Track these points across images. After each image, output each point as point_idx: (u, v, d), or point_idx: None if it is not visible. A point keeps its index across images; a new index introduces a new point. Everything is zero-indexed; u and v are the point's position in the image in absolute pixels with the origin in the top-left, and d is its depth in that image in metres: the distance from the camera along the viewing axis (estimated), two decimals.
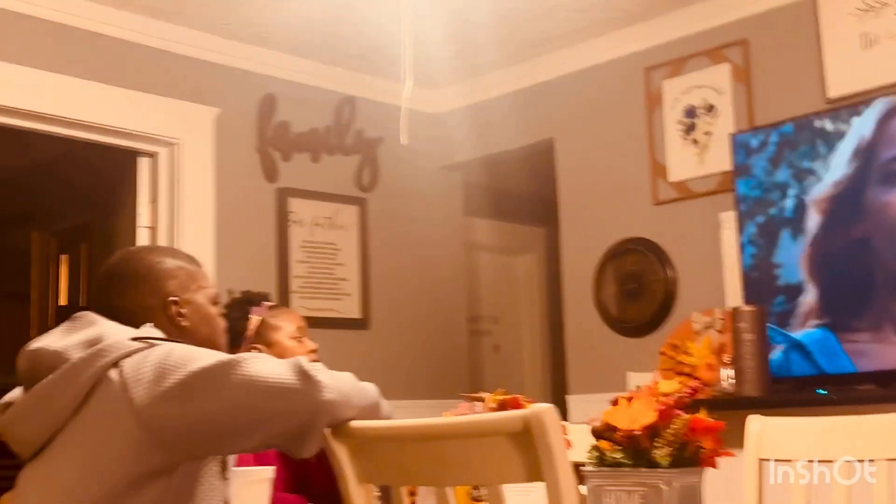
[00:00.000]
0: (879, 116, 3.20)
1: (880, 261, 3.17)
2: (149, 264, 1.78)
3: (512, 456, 1.29)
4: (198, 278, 1.82)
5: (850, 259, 3.23)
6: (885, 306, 3.15)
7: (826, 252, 3.29)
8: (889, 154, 3.17)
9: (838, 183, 3.26)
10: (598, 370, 4.09)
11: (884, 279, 3.16)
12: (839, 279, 3.26)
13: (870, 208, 3.19)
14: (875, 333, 3.15)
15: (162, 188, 3.99)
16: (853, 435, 2.13)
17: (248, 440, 1.52)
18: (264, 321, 2.54)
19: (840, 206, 3.26)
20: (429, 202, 4.81)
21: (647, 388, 1.80)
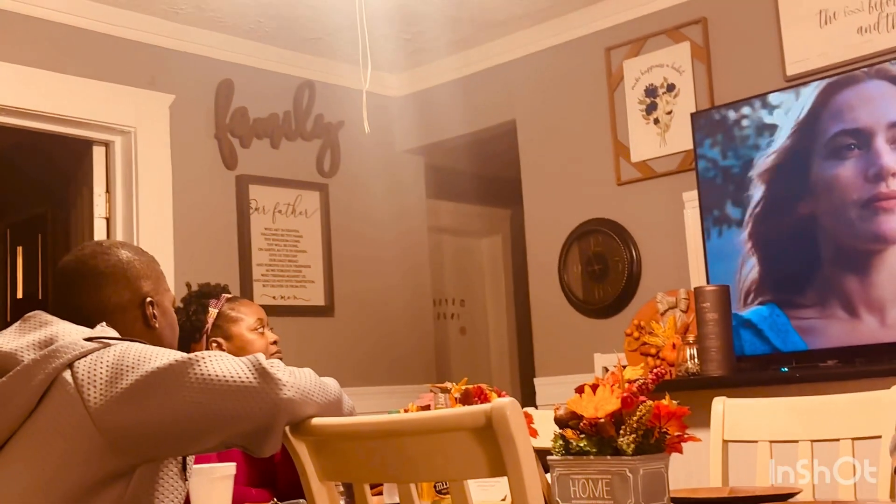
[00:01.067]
0: (819, 91, 3.21)
1: (826, 235, 3.19)
2: (124, 262, 1.73)
3: (475, 451, 1.27)
4: (163, 280, 1.79)
5: (794, 234, 3.25)
6: (831, 282, 3.17)
7: (769, 227, 3.31)
8: (833, 129, 3.19)
9: (778, 156, 3.28)
10: (564, 352, 4.10)
11: (830, 254, 3.18)
12: (784, 254, 3.28)
13: (814, 183, 3.21)
14: (822, 309, 3.18)
15: (118, 178, 3.93)
16: (817, 415, 2.15)
17: (206, 441, 1.49)
18: (223, 313, 2.49)
19: (782, 181, 3.28)
20: (391, 186, 4.78)
21: (612, 374, 1.79)
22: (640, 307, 3.81)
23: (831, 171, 3.18)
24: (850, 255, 3.14)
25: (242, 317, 2.50)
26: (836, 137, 3.18)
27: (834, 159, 3.18)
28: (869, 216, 3.09)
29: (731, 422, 2.25)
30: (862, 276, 3.13)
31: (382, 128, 4.62)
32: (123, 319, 1.69)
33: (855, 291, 3.14)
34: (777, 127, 3.33)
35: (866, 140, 3.12)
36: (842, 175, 3.15)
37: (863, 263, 3.12)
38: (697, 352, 3.31)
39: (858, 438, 2.04)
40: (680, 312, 3.61)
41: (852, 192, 3.12)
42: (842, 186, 3.14)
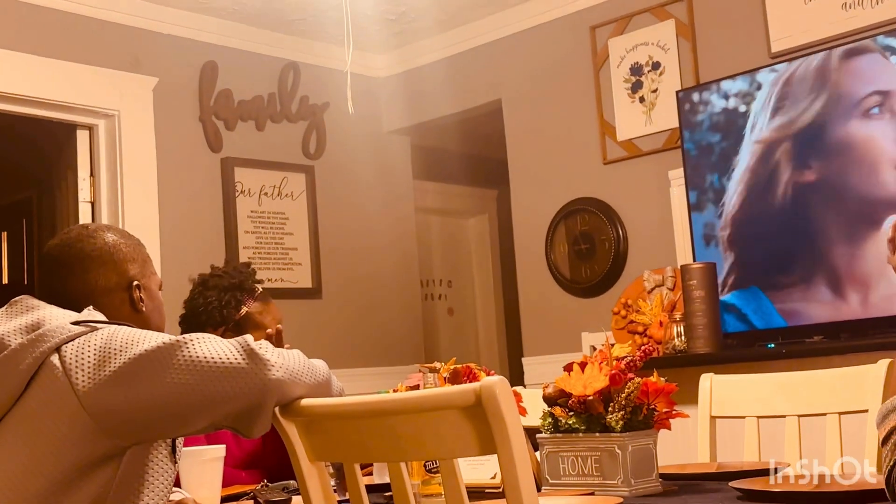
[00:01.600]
0: (819, 64, 3.20)
1: (815, 217, 3.20)
2: (111, 245, 1.72)
3: (465, 429, 1.27)
4: (150, 264, 1.78)
5: (774, 217, 3.25)
6: (818, 259, 3.18)
7: (750, 213, 3.32)
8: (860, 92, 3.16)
9: (765, 138, 3.28)
10: (552, 331, 4.11)
11: (816, 234, 3.19)
12: (765, 238, 3.28)
13: (829, 148, 3.22)
14: (807, 288, 3.19)
15: (102, 162, 3.90)
16: (803, 390, 2.16)
17: (195, 423, 1.49)
18: (249, 314, 2.51)
19: (763, 168, 3.28)
20: (377, 167, 4.76)
21: (600, 352, 1.80)
22: (627, 286, 3.82)
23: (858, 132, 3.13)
24: (844, 227, 3.13)
25: (266, 323, 2.49)
26: (863, 100, 3.13)
27: (862, 119, 3.13)
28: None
29: (719, 398, 2.26)
30: (852, 250, 3.14)
31: (368, 109, 4.61)
32: (110, 303, 1.68)
33: (842, 268, 3.15)
34: (766, 103, 3.33)
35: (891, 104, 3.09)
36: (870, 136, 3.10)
37: (855, 237, 3.13)
38: (684, 329, 3.32)
39: (845, 413, 2.06)
40: (667, 290, 3.62)
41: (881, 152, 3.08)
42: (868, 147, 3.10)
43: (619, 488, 1.67)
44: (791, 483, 1.63)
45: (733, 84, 3.42)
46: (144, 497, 1.55)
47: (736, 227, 3.36)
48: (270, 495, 1.82)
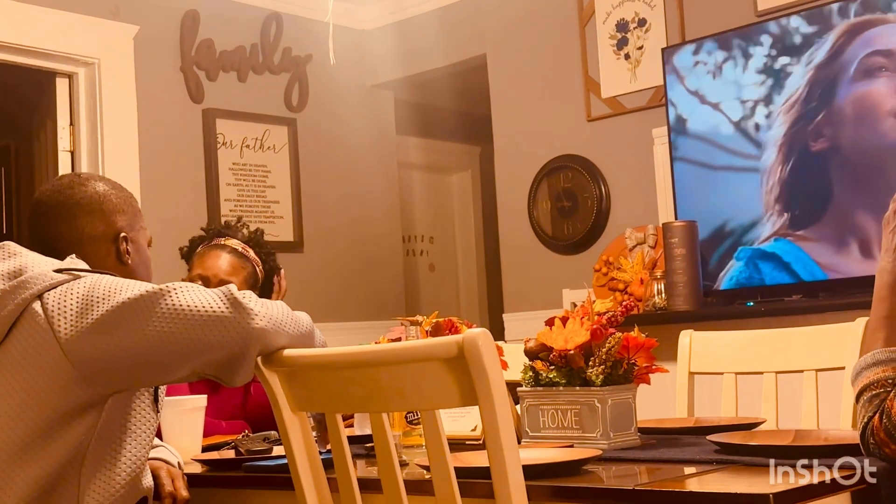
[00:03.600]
0: (844, 29, 3.17)
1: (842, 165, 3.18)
2: (101, 194, 1.71)
3: (447, 381, 1.28)
4: (140, 218, 1.78)
5: (809, 171, 3.24)
6: (844, 215, 3.15)
7: (788, 166, 3.30)
8: (860, 54, 3.14)
9: (790, 97, 3.25)
10: (533, 288, 4.12)
11: (838, 186, 3.17)
12: (797, 193, 3.26)
13: (834, 116, 3.21)
14: (836, 245, 3.16)
15: (82, 110, 3.86)
16: (781, 347, 2.18)
17: (177, 371, 1.49)
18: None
19: (795, 117, 3.25)
20: (360, 121, 4.73)
21: (582, 307, 1.81)
22: (609, 243, 3.83)
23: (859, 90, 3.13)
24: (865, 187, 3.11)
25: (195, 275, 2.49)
26: (866, 58, 3.13)
27: (864, 80, 3.12)
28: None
29: (698, 354, 2.28)
30: (832, 212, 3.16)
31: (351, 61, 4.57)
32: (95, 252, 1.67)
33: (828, 228, 3.17)
34: (777, 68, 3.33)
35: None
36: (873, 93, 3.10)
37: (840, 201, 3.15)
38: (665, 287, 3.35)
39: (822, 370, 2.08)
40: (648, 248, 3.64)
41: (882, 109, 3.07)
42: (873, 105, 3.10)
43: (598, 441, 1.69)
44: (768, 437, 1.65)
45: (719, 41, 3.41)
46: (127, 445, 1.56)
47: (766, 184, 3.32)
48: (251, 445, 1.83)
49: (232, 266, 2.45)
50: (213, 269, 2.43)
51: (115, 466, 1.54)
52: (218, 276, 2.40)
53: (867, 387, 1.41)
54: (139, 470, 1.58)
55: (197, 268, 2.45)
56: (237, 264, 2.46)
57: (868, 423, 1.38)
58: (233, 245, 2.49)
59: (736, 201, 3.37)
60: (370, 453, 1.77)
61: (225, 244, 2.48)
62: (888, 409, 1.35)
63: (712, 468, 1.46)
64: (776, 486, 1.26)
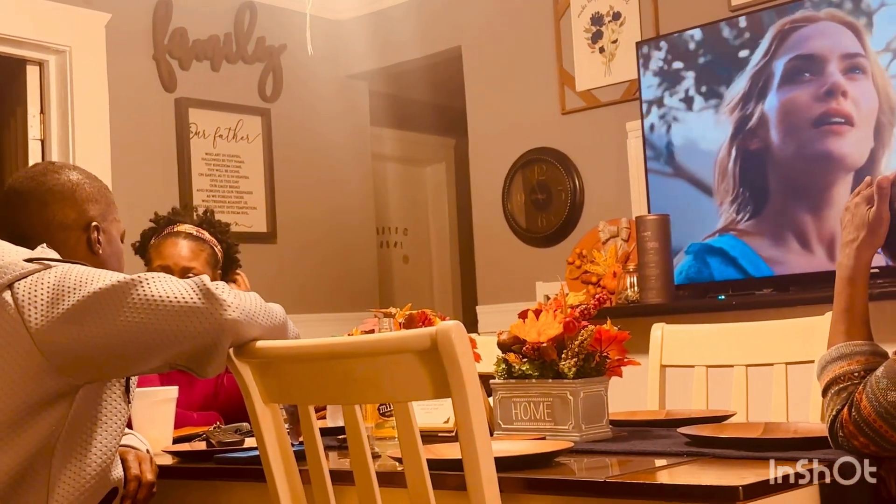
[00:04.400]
0: (777, 30, 3.24)
1: (777, 165, 3.24)
2: (74, 182, 1.70)
3: (420, 373, 1.28)
4: (114, 209, 1.76)
5: (751, 167, 3.30)
6: (783, 212, 3.23)
7: (735, 159, 3.35)
8: (786, 58, 3.21)
9: (741, 93, 3.31)
10: (507, 280, 4.13)
11: (781, 185, 3.24)
12: (744, 187, 3.32)
13: (766, 115, 3.25)
14: (776, 240, 3.24)
15: (53, 99, 3.82)
16: (751, 340, 2.20)
17: (149, 362, 1.48)
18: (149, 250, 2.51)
19: (742, 115, 3.31)
20: (335, 112, 4.71)
21: (555, 299, 1.81)
22: (583, 236, 3.85)
23: (778, 102, 3.21)
24: (799, 187, 3.19)
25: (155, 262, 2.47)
26: (791, 62, 3.19)
27: (782, 92, 3.20)
28: (818, 137, 3.12)
29: (669, 347, 2.29)
30: (800, 208, 3.19)
31: (326, 52, 4.54)
32: (66, 240, 1.66)
33: (794, 223, 3.20)
34: (735, 63, 3.35)
35: (820, 66, 3.14)
36: (796, 98, 3.17)
37: (813, 195, 3.18)
38: (637, 280, 3.36)
39: (792, 363, 2.10)
40: (621, 241, 3.65)
41: (805, 111, 3.14)
42: (796, 109, 3.16)
43: (570, 433, 1.69)
44: (738, 429, 1.67)
45: (693, 36, 3.43)
46: (97, 436, 1.55)
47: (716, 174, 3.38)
48: (223, 436, 1.83)
49: (191, 251, 2.42)
50: (173, 257, 2.40)
51: (86, 457, 1.53)
52: (179, 264, 2.37)
53: (834, 380, 1.43)
54: (109, 461, 1.57)
55: (156, 259, 2.42)
56: (195, 248, 2.44)
57: (837, 416, 1.39)
58: (187, 230, 2.46)
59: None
60: (343, 445, 1.77)
61: (179, 230, 2.45)
62: (857, 402, 1.37)
63: (683, 460, 1.47)
64: (745, 477, 1.27)
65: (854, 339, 1.45)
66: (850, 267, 1.48)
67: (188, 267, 2.36)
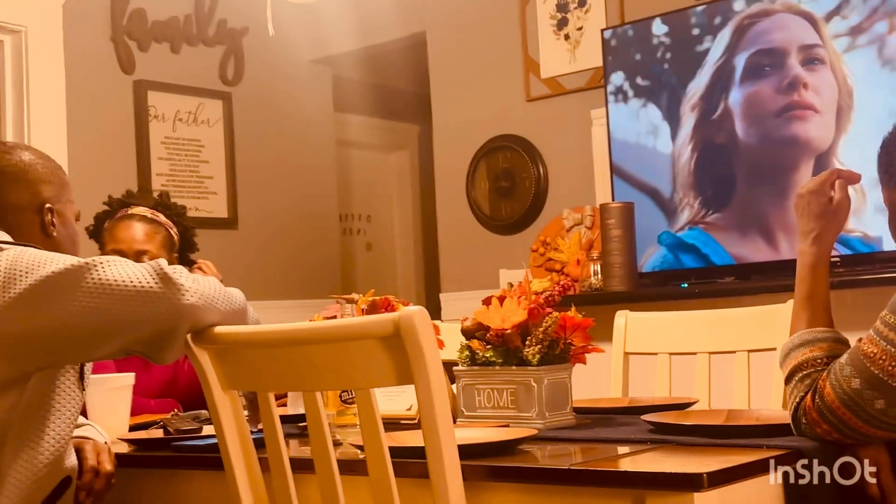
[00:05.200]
0: (736, 24, 3.24)
1: (741, 157, 3.25)
2: (26, 163, 1.65)
3: (382, 359, 1.26)
4: (68, 191, 1.72)
5: (715, 158, 3.30)
6: (747, 203, 3.24)
7: (698, 153, 3.36)
8: (747, 53, 3.22)
9: (705, 84, 3.31)
10: (470, 268, 4.12)
11: (745, 176, 3.25)
12: (708, 179, 3.33)
13: (730, 108, 3.26)
14: (739, 230, 3.25)
15: (8, 79, 3.74)
16: (714, 328, 2.21)
17: (104, 347, 1.45)
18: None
19: (705, 108, 3.31)
20: (298, 97, 4.67)
21: (519, 286, 1.80)
22: (547, 224, 3.84)
23: (743, 95, 3.22)
24: (762, 174, 3.21)
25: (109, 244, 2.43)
26: (752, 57, 3.21)
27: (746, 84, 3.21)
28: (783, 124, 3.14)
29: (633, 335, 2.29)
30: (759, 197, 3.21)
31: (289, 36, 4.48)
32: (19, 222, 1.61)
33: (753, 212, 3.22)
34: (699, 54, 3.35)
35: (780, 59, 3.16)
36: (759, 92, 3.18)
37: (776, 181, 3.19)
38: (601, 268, 3.36)
39: (754, 350, 2.11)
40: (585, 229, 3.65)
41: (769, 104, 3.15)
42: (759, 102, 3.18)
43: (534, 421, 1.68)
44: (701, 416, 1.67)
45: (657, 24, 3.43)
46: (51, 424, 1.51)
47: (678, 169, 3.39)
48: (181, 424, 1.79)
49: (145, 234, 2.38)
50: (127, 240, 2.36)
51: (38, 446, 1.49)
52: (133, 247, 2.33)
53: (797, 367, 1.43)
54: (63, 449, 1.53)
55: (109, 243, 2.37)
56: (150, 231, 2.40)
57: (800, 402, 1.39)
58: (141, 212, 2.42)
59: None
60: (303, 433, 1.75)
61: (133, 213, 2.41)
62: (820, 389, 1.37)
63: (646, 448, 1.46)
64: (709, 464, 1.27)
65: (816, 326, 1.45)
66: (813, 254, 1.48)
67: (143, 250, 2.32)
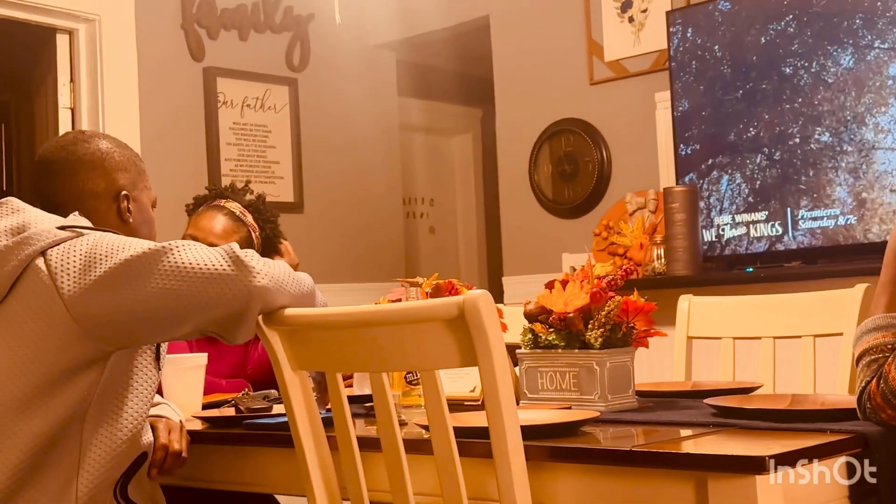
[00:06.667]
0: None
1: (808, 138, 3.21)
2: (104, 151, 1.71)
3: (447, 341, 1.28)
4: (145, 178, 1.77)
5: (783, 137, 3.26)
6: (812, 184, 3.20)
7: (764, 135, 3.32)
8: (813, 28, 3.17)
9: (771, 65, 3.27)
10: (533, 252, 4.12)
11: (819, 156, 3.20)
12: (772, 159, 3.29)
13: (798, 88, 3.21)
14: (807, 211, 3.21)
15: (82, 67, 3.84)
16: (779, 313, 2.19)
17: (179, 328, 1.50)
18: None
19: (773, 89, 3.27)
20: (362, 82, 4.71)
21: (581, 270, 1.81)
22: (610, 208, 3.83)
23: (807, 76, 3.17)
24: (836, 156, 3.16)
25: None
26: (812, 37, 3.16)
27: (806, 67, 3.17)
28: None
29: (696, 319, 2.29)
30: (824, 182, 3.16)
31: (353, 21, 4.53)
32: (96, 209, 1.67)
33: (820, 196, 3.17)
34: (757, 30, 3.31)
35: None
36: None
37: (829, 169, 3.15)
38: (664, 252, 3.35)
39: (820, 336, 2.09)
40: (648, 213, 3.64)
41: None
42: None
43: (596, 403, 1.70)
44: (765, 401, 1.66)
45: (726, 5, 3.39)
46: (128, 402, 1.57)
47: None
48: (251, 403, 1.85)
49: (224, 229, 2.40)
50: (205, 230, 2.40)
51: (117, 422, 1.55)
52: (208, 240, 2.34)
53: (866, 351, 1.42)
54: (140, 426, 1.59)
55: (190, 227, 2.43)
56: (231, 228, 2.42)
57: (865, 387, 1.39)
58: (231, 208, 2.45)
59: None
60: (370, 413, 1.79)
61: (224, 206, 2.46)
62: (885, 374, 1.36)
63: (709, 431, 1.47)
64: (772, 448, 1.27)
65: (894, 311, 1.44)
66: None
67: (215, 244, 2.36)
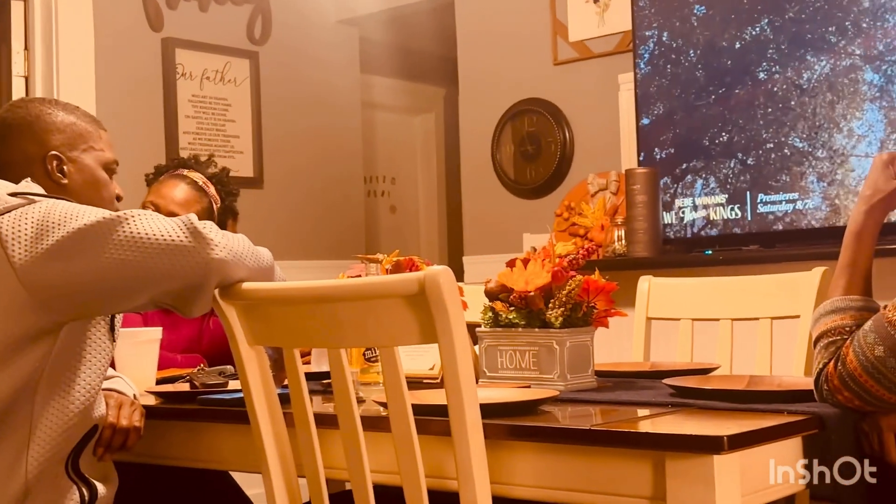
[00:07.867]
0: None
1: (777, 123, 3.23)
2: (36, 114, 1.68)
3: (407, 318, 1.27)
4: (90, 139, 1.72)
5: (747, 124, 3.28)
6: (776, 168, 3.23)
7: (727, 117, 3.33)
8: (790, 14, 3.19)
9: (738, 48, 3.28)
10: (494, 232, 4.12)
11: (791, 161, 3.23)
12: (750, 142, 3.31)
13: (763, 73, 3.23)
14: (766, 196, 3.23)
15: (37, 35, 3.75)
16: (737, 295, 2.21)
17: (134, 299, 1.47)
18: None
19: (738, 74, 3.29)
20: (324, 58, 4.66)
21: (543, 249, 1.80)
22: (571, 188, 3.83)
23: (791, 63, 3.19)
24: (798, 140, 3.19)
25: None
26: (794, 23, 3.18)
27: (791, 51, 3.19)
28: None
29: (656, 300, 2.30)
30: (788, 164, 3.18)
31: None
32: (32, 173, 1.63)
33: (781, 178, 3.20)
34: (724, 14, 3.31)
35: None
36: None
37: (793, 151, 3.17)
38: (625, 233, 3.36)
39: (777, 318, 2.11)
40: (610, 194, 3.64)
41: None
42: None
43: (556, 382, 1.70)
44: (722, 381, 1.67)
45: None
46: (81, 374, 1.54)
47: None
48: (206, 379, 1.82)
49: (186, 198, 2.39)
50: (167, 197, 2.38)
51: (69, 395, 1.52)
52: (169, 207, 2.34)
53: (824, 333, 1.43)
54: (93, 399, 1.56)
55: (151, 194, 2.40)
56: (192, 197, 2.40)
57: (823, 369, 1.40)
58: (193, 177, 2.44)
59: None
60: (327, 389, 1.77)
61: (186, 175, 2.44)
62: (843, 356, 1.37)
63: (667, 411, 1.47)
64: (730, 428, 1.28)
65: (852, 294, 1.45)
66: (860, 223, 1.47)
67: (175, 212, 2.34)
